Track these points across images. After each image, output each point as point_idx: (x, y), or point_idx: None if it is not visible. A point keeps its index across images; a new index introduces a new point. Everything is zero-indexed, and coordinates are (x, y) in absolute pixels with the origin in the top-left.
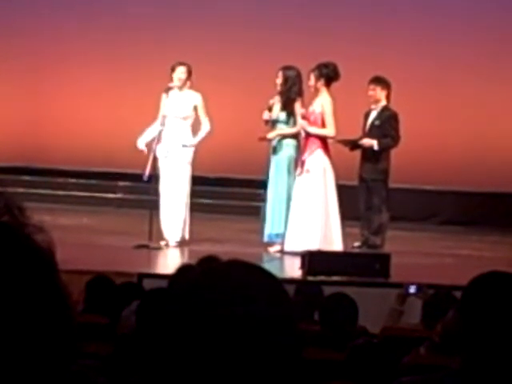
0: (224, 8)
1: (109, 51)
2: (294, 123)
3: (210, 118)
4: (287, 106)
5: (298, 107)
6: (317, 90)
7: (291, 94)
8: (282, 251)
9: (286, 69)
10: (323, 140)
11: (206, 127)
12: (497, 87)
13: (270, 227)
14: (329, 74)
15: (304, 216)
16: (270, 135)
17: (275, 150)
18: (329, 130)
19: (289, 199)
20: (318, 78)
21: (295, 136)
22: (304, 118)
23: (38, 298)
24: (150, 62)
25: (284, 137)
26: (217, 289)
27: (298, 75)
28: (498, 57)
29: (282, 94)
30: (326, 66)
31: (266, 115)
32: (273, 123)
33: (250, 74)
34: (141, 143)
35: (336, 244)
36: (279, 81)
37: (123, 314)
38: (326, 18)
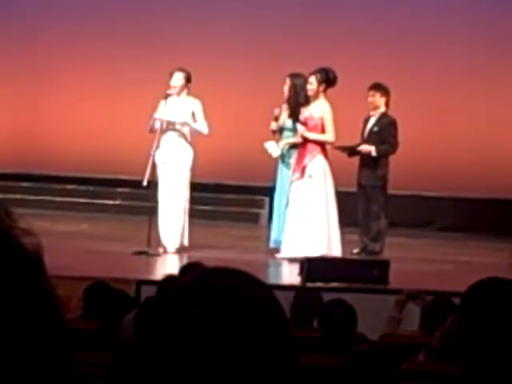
0: (225, 13)
1: (107, 57)
2: None
3: (209, 123)
4: (294, 113)
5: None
6: (317, 95)
7: (298, 100)
8: (282, 257)
9: (293, 76)
10: (323, 145)
11: (203, 128)
12: (497, 93)
13: (276, 233)
14: (330, 80)
15: (306, 222)
16: (280, 145)
17: (283, 158)
18: (328, 136)
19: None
20: (320, 83)
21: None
22: (303, 123)
23: (23, 301)
24: (148, 67)
25: (292, 145)
26: (204, 297)
27: (306, 82)
28: (499, 61)
29: (288, 101)
30: (328, 71)
31: (273, 125)
32: (280, 130)
33: (250, 80)
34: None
35: (335, 250)
36: (286, 88)
37: (125, 320)
38: (325, 24)
